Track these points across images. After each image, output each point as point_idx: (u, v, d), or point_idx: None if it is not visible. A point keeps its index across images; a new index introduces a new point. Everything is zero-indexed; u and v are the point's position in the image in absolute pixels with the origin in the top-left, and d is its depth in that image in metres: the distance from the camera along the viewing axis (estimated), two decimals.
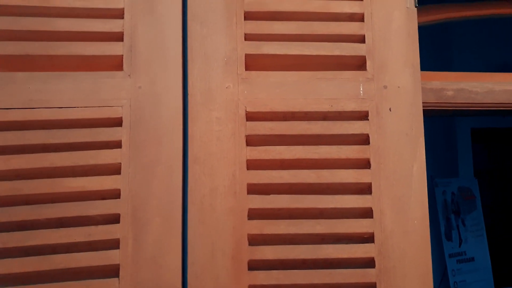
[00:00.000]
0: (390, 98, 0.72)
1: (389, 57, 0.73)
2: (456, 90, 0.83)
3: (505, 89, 0.84)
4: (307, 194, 0.70)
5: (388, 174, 0.70)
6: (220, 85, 0.70)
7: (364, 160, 0.70)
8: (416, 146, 0.71)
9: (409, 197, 0.70)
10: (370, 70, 0.72)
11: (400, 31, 0.74)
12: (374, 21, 0.73)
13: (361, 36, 0.73)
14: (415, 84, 0.73)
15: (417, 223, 0.69)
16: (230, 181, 0.68)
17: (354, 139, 0.71)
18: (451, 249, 3.89)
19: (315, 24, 0.73)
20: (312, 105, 0.71)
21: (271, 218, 0.68)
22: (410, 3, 0.75)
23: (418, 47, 0.74)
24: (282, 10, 0.73)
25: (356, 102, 0.71)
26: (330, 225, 0.69)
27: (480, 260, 3.99)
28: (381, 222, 0.69)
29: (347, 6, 0.74)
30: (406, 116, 0.72)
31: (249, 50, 0.71)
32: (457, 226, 3.98)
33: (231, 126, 0.69)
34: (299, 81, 0.71)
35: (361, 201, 0.69)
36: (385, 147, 0.71)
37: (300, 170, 0.70)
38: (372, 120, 0.71)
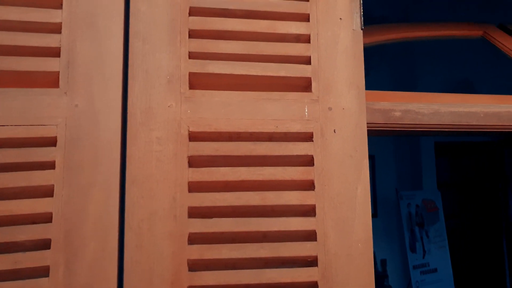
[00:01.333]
0: (335, 119, 0.72)
1: (334, 78, 0.73)
2: (403, 111, 0.84)
3: (450, 110, 0.86)
4: (251, 217, 0.68)
5: (332, 196, 0.69)
6: (162, 104, 0.67)
7: (308, 181, 0.70)
8: (360, 168, 0.71)
9: (353, 220, 0.69)
10: (315, 91, 0.72)
11: (346, 52, 0.74)
12: (320, 42, 0.74)
13: (307, 58, 0.73)
14: (359, 105, 0.73)
15: (361, 246, 0.69)
16: (170, 204, 0.65)
17: (299, 161, 0.70)
18: (415, 261, 3.97)
19: (261, 44, 0.72)
20: (258, 126, 0.70)
21: (213, 242, 0.66)
22: (356, 25, 0.76)
23: (364, 68, 0.75)
24: (228, 29, 0.72)
25: (301, 124, 0.71)
26: (274, 248, 0.67)
27: (442, 270, 4.09)
28: (325, 245, 0.68)
29: (294, 27, 0.73)
30: (350, 137, 0.72)
31: (194, 69, 0.70)
32: (421, 238, 4.06)
33: (172, 147, 0.67)
34: (245, 101, 0.70)
35: (305, 223, 0.68)
36: (329, 168, 0.70)
37: (244, 192, 0.68)
38: (317, 142, 0.71)
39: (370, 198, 2.81)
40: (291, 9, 0.74)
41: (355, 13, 0.76)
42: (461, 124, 0.86)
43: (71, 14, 0.67)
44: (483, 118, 0.87)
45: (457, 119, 0.86)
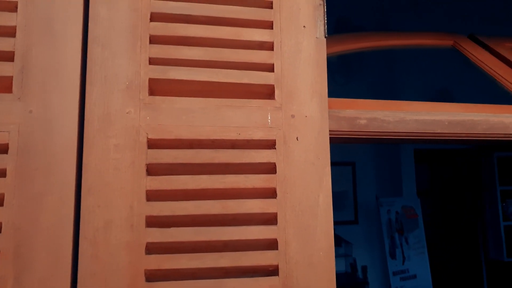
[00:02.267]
0: (297, 127, 0.71)
1: (297, 86, 0.73)
2: (369, 119, 0.84)
3: (415, 118, 0.87)
4: (211, 226, 0.67)
5: (294, 204, 0.69)
6: (120, 110, 0.66)
7: (270, 189, 0.69)
8: (322, 175, 0.71)
9: (315, 228, 0.69)
10: (278, 99, 0.72)
11: (309, 60, 0.74)
12: (284, 50, 0.73)
13: (270, 65, 0.73)
14: (322, 113, 0.73)
15: (322, 254, 0.68)
16: (127, 213, 0.64)
17: (261, 168, 0.70)
18: (395, 267, 4.00)
19: (225, 51, 0.72)
20: (220, 133, 0.69)
21: (171, 252, 0.65)
22: (320, 34, 0.76)
23: (327, 76, 0.75)
24: (190, 35, 0.71)
25: (264, 131, 0.70)
26: (235, 258, 0.66)
27: (422, 276, 4.12)
28: (286, 254, 0.67)
29: (257, 35, 0.73)
30: (313, 145, 0.71)
31: (154, 75, 0.68)
32: (401, 245, 4.10)
33: (130, 154, 0.65)
34: (207, 108, 0.69)
35: (266, 232, 0.68)
36: (291, 176, 0.70)
37: (205, 201, 0.67)
38: (280, 149, 0.70)
39: (352, 205, 2.84)
40: (254, 16, 0.73)
41: (319, 21, 0.76)
42: (426, 132, 0.87)
43: (26, 18, 0.66)
44: (448, 126, 0.88)
45: (422, 127, 0.87)
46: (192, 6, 0.72)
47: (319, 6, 0.77)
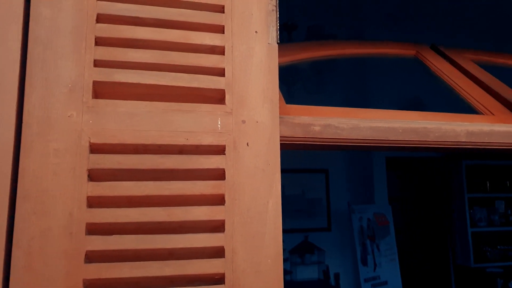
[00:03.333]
0: (248, 132, 0.71)
1: (248, 91, 0.72)
2: (323, 126, 0.84)
3: (370, 125, 0.87)
4: (156, 234, 0.65)
5: (243, 210, 0.68)
6: (62, 114, 0.64)
7: (218, 196, 0.68)
8: (272, 182, 0.70)
9: (263, 235, 0.68)
10: (229, 104, 0.71)
11: (260, 66, 0.74)
12: (235, 55, 0.73)
13: (221, 69, 0.72)
14: (273, 119, 0.73)
15: (270, 262, 0.67)
16: (66, 220, 0.61)
17: (210, 174, 0.68)
18: (366, 274, 4.03)
19: (174, 54, 0.70)
20: (167, 138, 0.67)
21: (113, 261, 0.62)
22: (272, 39, 0.75)
23: (278, 82, 0.75)
24: (138, 38, 0.69)
25: (214, 136, 0.69)
26: (180, 266, 0.64)
27: (392, 283, 4.17)
28: (233, 262, 0.66)
29: (208, 38, 0.72)
30: (263, 151, 0.71)
31: (99, 77, 0.66)
32: (372, 251, 4.14)
33: (71, 159, 0.63)
34: (154, 112, 0.68)
35: (213, 239, 0.66)
36: (240, 182, 0.69)
37: (149, 208, 0.65)
38: (229, 155, 0.69)
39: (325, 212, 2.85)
40: (205, 20, 0.73)
41: (271, 27, 0.76)
42: (380, 139, 0.88)
43: None
44: (402, 133, 0.89)
45: (376, 134, 0.87)
46: (140, 8, 0.70)
47: (272, 12, 0.76)
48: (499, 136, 0.95)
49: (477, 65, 1.53)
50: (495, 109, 1.23)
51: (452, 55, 1.58)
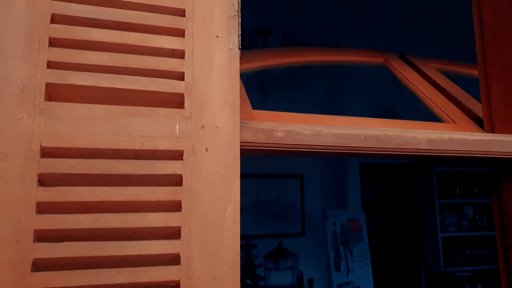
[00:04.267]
0: (207, 138, 0.70)
1: (208, 96, 0.71)
2: (286, 132, 0.84)
3: (332, 132, 0.88)
4: (109, 241, 0.63)
5: (200, 217, 0.67)
6: (11, 116, 0.61)
7: (175, 202, 0.67)
8: (231, 188, 0.69)
9: (220, 241, 0.67)
10: (188, 108, 0.70)
11: (221, 71, 0.73)
12: (195, 59, 0.72)
13: (181, 73, 0.71)
14: (234, 124, 0.72)
15: (227, 269, 0.66)
16: (12, 227, 0.59)
17: (167, 180, 0.67)
18: (339, 279, 4.07)
19: (132, 57, 0.69)
20: (123, 142, 0.66)
21: (63, 269, 0.60)
22: (234, 44, 0.75)
23: (239, 88, 0.74)
24: (95, 40, 0.68)
25: (171, 141, 0.68)
26: (133, 273, 0.63)
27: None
28: (188, 269, 0.65)
29: (168, 42, 0.71)
30: (223, 157, 0.70)
31: (52, 79, 0.64)
32: (345, 257, 4.18)
33: (20, 163, 0.60)
34: (109, 115, 0.66)
35: (169, 246, 0.65)
36: (198, 188, 0.68)
37: (103, 214, 0.63)
38: (187, 160, 0.68)
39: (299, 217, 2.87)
40: (165, 23, 0.72)
41: (233, 32, 0.75)
42: (342, 146, 0.88)
43: None
44: (363, 140, 0.90)
45: (338, 141, 0.88)
46: (98, 10, 0.69)
47: (234, 17, 0.76)
48: (457, 144, 0.97)
49: (442, 74, 1.57)
50: (457, 117, 1.26)
51: (418, 64, 1.62)
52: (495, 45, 1.20)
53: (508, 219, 1.10)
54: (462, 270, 4.56)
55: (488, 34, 1.22)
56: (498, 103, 1.17)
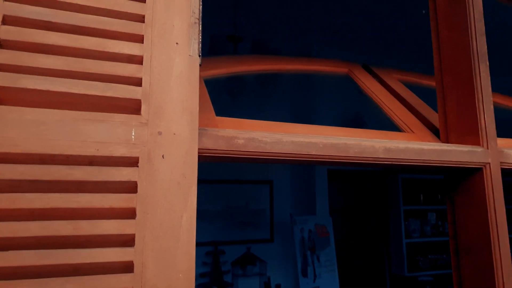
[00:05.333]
0: (164, 144, 0.69)
1: (166, 102, 0.71)
2: (247, 139, 0.85)
3: (292, 140, 0.89)
4: (60, 249, 0.61)
5: (155, 224, 0.66)
6: None
7: (130, 209, 0.66)
8: (187, 195, 0.69)
9: (175, 249, 0.67)
10: (145, 114, 0.69)
11: (180, 78, 0.73)
12: (154, 65, 0.72)
13: (138, 79, 0.70)
14: (192, 131, 0.72)
15: (182, 276, 0.66)
16: None
17: (121, 187, 0.66)
18: (306, 285, 4.10)
19: (88, 61, 0.68)
20: (76, 148, 0.65)
21: (9, 278, 0.58)
22: (194, 51, 0.75)
23: (199, 94, 0.74)
24: (49, 43, 0.66)
25: (127, 147, 0.67)
26: (84, 282, 0.61)
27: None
28: (142, 277, 0.64)
29: (126, 47, 0.71)
30: (179, 164, 0.70)
31: (3, 83, 0.63)
32: (313, 262, 4.22)
33: None
34: (63, 121, 0.65)
35: (122, 254, 0.64)
36: (154, 195, 0.67)
37: (53, 221, 0.62)
38: (142, 167, 0.67)
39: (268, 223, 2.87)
40: (124, 28, 0.71)
41: (193, 39, 0.76)
42: (302, 154, 0.90)
43: None
44: (322, 148, 0.92)
45: (298, 148, 0.90)
46: (54, 13, 0.67)
47: (194, 24, 0.76)
48: (413, 153, 1.01)
49: (403, 85, 1.63)
50: (415, 127, 1.31)
51: (381, 74, 1.67)
52: (450, 59, 1.25)
53: (460, 225, 1.15)
54: (425, 274, 4.70)
55: (444, 49, 1.28)
56: (453, 114, 1.23)
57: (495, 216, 1.07)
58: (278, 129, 1.01)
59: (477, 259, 1.08)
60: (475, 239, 1.09)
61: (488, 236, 1.05)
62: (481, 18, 1.21)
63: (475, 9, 1.22)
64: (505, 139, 1.31)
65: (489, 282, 1.04)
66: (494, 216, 1.07)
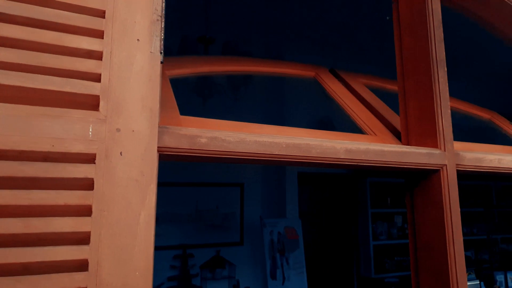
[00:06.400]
0: (122, 141, 0.69)
1: (126, 99, 0.70)
2: (209, 138, 0.85)
3: (255, 140, 0.90)
4: (9, 247, 0.60)
5: (111, 222, 0.65)
6: None
7: (85, 207, 0.64)
8: (146, 193, 0.69)
9: (133, 247, 0.66)
10: (103, 111, 0.68)
11: (141, 74, 0.73)
12: (114, 61, 0.71)
13: (97, 75, 0.69)
14: (151, 129, 0.72)
15: (138, 274, 0.65)
16: None
17: (77, 184, 0.65)
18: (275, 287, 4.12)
19: (46, 56, 0.67)
20: (30, 144, 0.63)
21: None
22: (155, 48, 0.75)
23: (163, 93, 0.74)
24: (3, 36, 0.64)
25: (84, 144, 0.66)
26: (35, 281, 0.60)
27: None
28: (97, 276, 0.63)
29: (85, 43, 0.70)
30: (138, 161, 0.69)
31: None
32: (282, 265, 4.25)
33: None
34: (17, 116, 0.63)
35: (76, 252, 0.63)
36: (111, 193, 0.66)
37: (3, 218, 0.60)
38: (100, 164, 0.66)
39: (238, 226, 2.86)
40: (83, 23, 0.70)
41: (155, 36, 0.75)
42: (265, 153, 0.91)
43: None
44: (285, 148, 0.93)
45: (262, 148, 0.90)
46: (9, 5, 0.66)
47: (157, 21, 0.76)
48: (374, 154, 1.04)
49: (368, 89, 1.67)
50: (378, 130, 1.35)
51: (347, 78, 1.70)
52: (411, 65, 1.30)
53: (418, 225, 1.19)
54: (391, 276, 4.81)
55: (406, 54, 1.33)
56: (413, 117, 1.27)
57: (450, 215, 1.11)
58: (243, 130, 1.02)
59: (433, 257, 1.12)
60: (432, 237, 1.13)
61: (444, 235, 1.10)
62: (439, 25, 1.27)
63: (435, 17, 1.27)
64: (461, 142, 1.37)
65: (444, 278, 1.08)
66: (450, 215, 1.11)
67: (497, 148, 1.50)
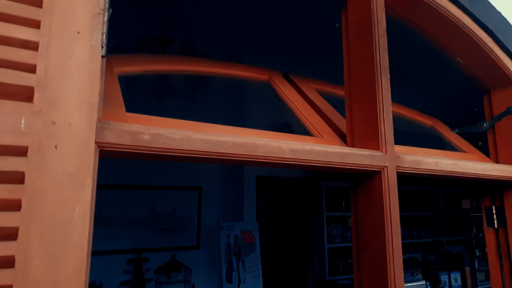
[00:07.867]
0: (58, 135, 0.67)
1: (63, 92, 0.69)
2: (153, 135, 0.84)
3: (201, 138, 0.90)
4: None
5: (43, 217, 0.63)
6: None
7: (15, 201, 0.62)
8: (81, 188, 0.67)
9: (66, 243, 0.64)
10: (37, 103, 0.66)
11: (80, 67, 0.71)
12: (51, 53, 0.69)
13: (33, 66, 0.67)
14: (89, 123, 0.70)
15: (71, 271, 0.64)
16: None
17: (6, 177, 0.62)
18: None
19: None
20: None
21: None
22: (96, 42, 0.74)
23: (99, 86, 0.73)
24: None
25: (15, 136, 0.64)
26: None
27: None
28: (24, 273, 0.60)
29: (20, 32, 0.67)
30: (74, 155, 0.68)
31: None
32: (238, 268, 4.25)
33: None
34: None
35: (1, 249, 0.60)
36: (43, 187, 0.64)
37: None
38: (32, 157, 0.64)
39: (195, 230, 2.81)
40: (18, 12, 0.68)
41: (97, 30, 0.74)
42: (211, 152, 0.91)
43: None
44: (231, 147, 0.94)
45: (207, 146, 0.91)
46: None
47: (99, 15, 0.75)
48: (318, 154, 1.07)
49: (318, 94, 1.72)
50: (325, 132, 1.39)
51: (299, 83, 1.75)
52: (357, 70, 1.35)
53: (361, 224, 1.24)
54: (344, 278, 4.94)
55: (353, 59, 1.38)
56: (358, 121, 1.32)
57: (390, 215, 1.16)
58: (190, 128, 1.02)
59: (373, 255, 1.17)
60: (373, 236, 1.18)
61: (384, 233, 1.15)
62: (384, 34, 1.33)
63: (380, 26, 1.33)
64: (403, 146, 1.44)
65: (383, 276, 1.13)
66: (389, 215, 1.16)
67: (436, 152, 1.59)
